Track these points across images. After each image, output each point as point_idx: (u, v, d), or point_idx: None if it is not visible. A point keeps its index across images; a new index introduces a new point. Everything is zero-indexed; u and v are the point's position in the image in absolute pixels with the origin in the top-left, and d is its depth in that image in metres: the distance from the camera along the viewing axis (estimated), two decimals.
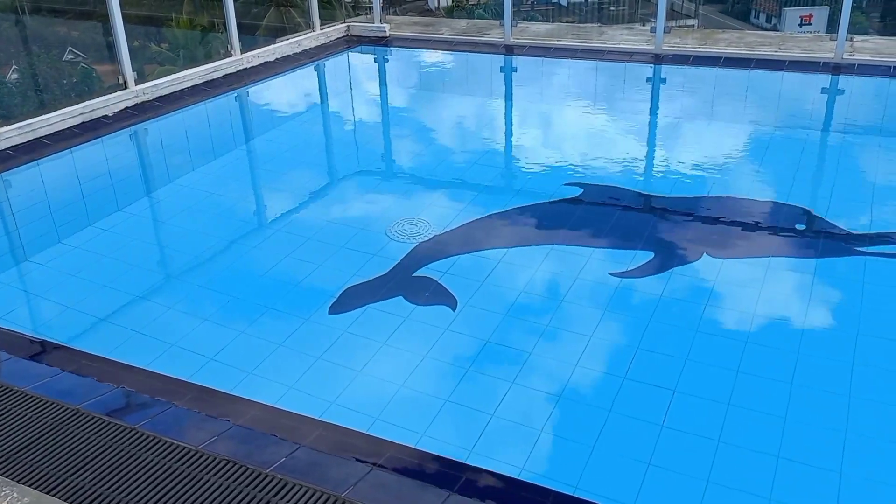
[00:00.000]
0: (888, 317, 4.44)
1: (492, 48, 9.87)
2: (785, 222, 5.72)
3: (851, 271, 4.95)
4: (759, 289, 4.79)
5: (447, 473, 3.32)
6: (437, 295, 4.86)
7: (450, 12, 18.15)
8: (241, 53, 9.32)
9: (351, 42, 10.58)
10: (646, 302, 4.73)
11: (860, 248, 5.16)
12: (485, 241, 5.60)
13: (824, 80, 8.11)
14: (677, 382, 3.97)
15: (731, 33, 10.61)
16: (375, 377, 4.12)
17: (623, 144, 7.42)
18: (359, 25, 10.87)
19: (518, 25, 10.12)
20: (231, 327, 4.58)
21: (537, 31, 10.54)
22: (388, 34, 10.59)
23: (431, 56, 10.27)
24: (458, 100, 9.09)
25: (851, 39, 8.43)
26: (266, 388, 4.01)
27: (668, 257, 5.25)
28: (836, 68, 8.07)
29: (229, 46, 9.25)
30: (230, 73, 9.04)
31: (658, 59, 8.86)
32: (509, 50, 9.73)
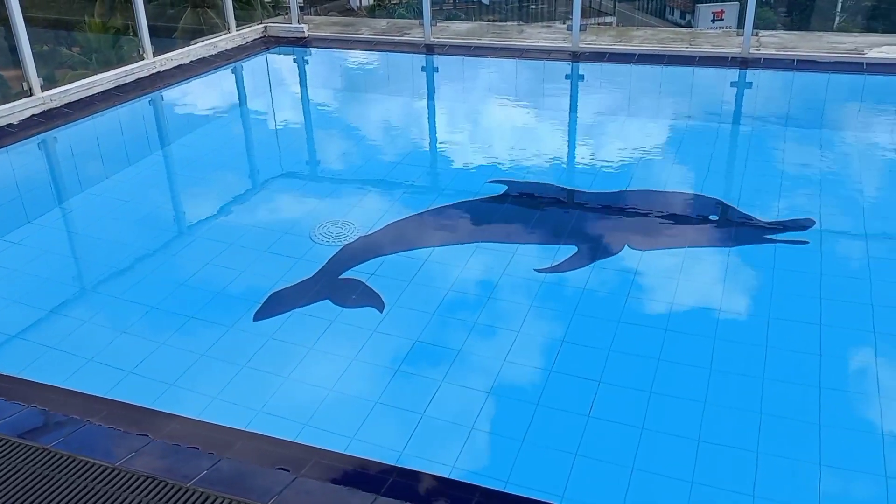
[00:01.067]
0: (797, 301, 4.62)
1: (412, 48, 9.87)
2: (700, 213, 5.89)
3: (763, 258, 5.12)
4: (676, 279, 4.92)
5: (374, 476, 3.30)
6: (364, 296, 4.83)
7: (371, 11, 18.06)
8: (154, 56, 9.05)
9: (269, 43, 10.41)
10: (570, 295, 4.81)
11: (770, 237, 5.35)
12: (411, 240, 5.59)
13: (733, 74, 8.40)
14: (602, 373, 4.05)
15: (645, 30, 10.86)
16: (303, 383, 4.06)
17: (544, 141, 7.52)
18: (276, 26, 10.70)
19: (438, 25, 10.15)
20: (151, 338, 4.45)
21: (457, 30, 10.58)
22: (306, 35, 10.47)
23: (351, 56, 10.20)
24: (380, 100, 9.05)
25: (757, 35, 8.75)
26: (189, 400, 3.91)
27: (590, 251, 5.35)
28: (743, 62, 8.36)
29: (141, 49, 8.97)
30: (143, 77, 8.78)
31: (575, 56, 9.02)
32: (430, 49, 9.75)
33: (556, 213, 6.09)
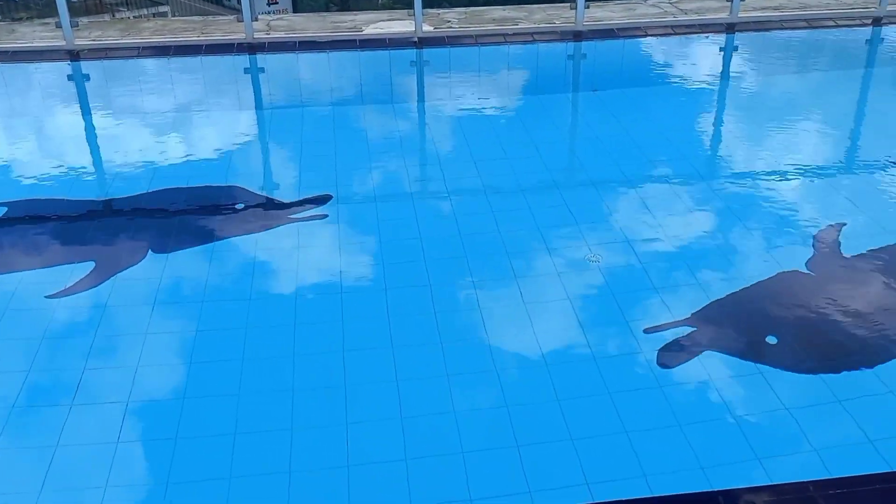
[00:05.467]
0: (321, 272, 4.83)
1: None
2: (227, 203, 5.80)
3: (288, 238, 5.24)
4: (206, 274, 4.81)
5: None
6: None
7: None
8: None
9: None
10: (90, 318, 4.40)
11: (294, 216, 5.50)
12: None
13: (243, 60, 8.47)
14: (129, 395, 3.77)
15: (157, 21, 10.42)
16: None
17: (48, 153, 6.77)
18: None
19: None
20: None
21: None
22: None
23: None
24: None
25: (258, 17, 8.86)
26: None
27: (109, 264, 4.94)
28: (250, 48, 8.48)
29: None
30: None
31: (73, 55, 8.23)
32: None
33: (67, 229, 5.51)
